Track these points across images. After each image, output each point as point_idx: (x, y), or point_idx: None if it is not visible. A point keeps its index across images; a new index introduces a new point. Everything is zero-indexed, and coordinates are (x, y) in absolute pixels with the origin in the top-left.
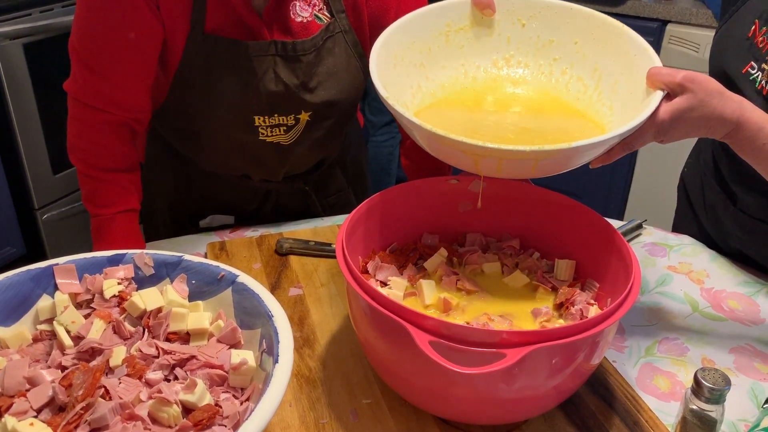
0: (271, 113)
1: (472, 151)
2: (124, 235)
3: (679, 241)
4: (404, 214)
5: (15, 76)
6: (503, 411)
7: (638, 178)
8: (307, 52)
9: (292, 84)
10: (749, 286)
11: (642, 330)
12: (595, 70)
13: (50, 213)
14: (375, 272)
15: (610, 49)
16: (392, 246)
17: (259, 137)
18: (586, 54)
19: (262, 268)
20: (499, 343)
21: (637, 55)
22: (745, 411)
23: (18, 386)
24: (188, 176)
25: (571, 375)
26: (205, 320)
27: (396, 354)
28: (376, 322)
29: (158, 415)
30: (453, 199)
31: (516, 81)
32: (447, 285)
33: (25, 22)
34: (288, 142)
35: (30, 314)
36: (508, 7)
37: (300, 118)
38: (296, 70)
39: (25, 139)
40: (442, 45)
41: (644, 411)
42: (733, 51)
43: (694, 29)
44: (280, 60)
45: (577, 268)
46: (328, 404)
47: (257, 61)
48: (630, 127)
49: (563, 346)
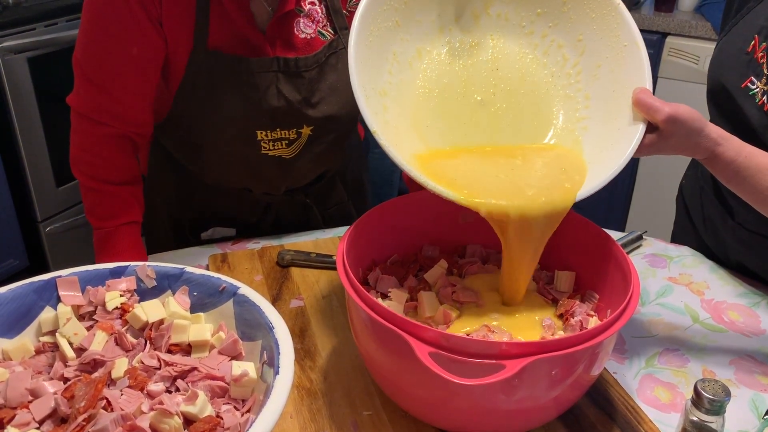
0: (273, 128)
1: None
2: (127, 248)
3: (680, 253)
4: (405, 225)
5: (19, 89)
6: (503, 422)
7: (639, 189)
8: (310, 68)
9: (294, 99)
10: (749, 298)
11: (642, 341)
12: (579, 41)
13: (53, 225)
14: (376, 284)
15: (599, 24)
16: (393, 257)
17: (261, 151)
18: (572, 19)
19: (263, 280)
20: (498, 354)
21: (628, 45)
22: (745, 422)
23: (20, 398)
24: (190, 188)
25: (570, 386)
26: (207, 332)
27: (396, 365)
28: (376, 334)
29: (160, 426)
30: (453, 211)
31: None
32: (444, 297)
33: (30, 36)
34: (290, 156)
35: (33, 326)
36: None
37: (302, 132)
38: (299, 86)
39: (28, 152)
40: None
41: (645, 422)
42: (732, 65)
43: (693, 41)
44: (283, 76)
45: (577, 279)
46: (328, 416)
47: (260, 77)
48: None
49: (562, 357)
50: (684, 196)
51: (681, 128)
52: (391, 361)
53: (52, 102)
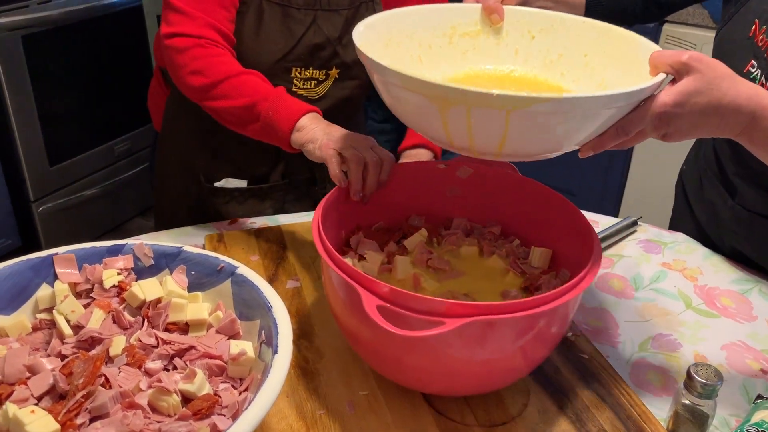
0: (307, 66)
1: (435, 95)
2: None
3: (674, 239)
4: (392, 195)
5: (13, 68)
6: (455, 382)
7: (634, 175)
8: (345, 8)
9: (331, 36)
10: (742, 284)
11: (635, 326)
12: (601, 85)
13: (46, 205)
14: (357, 246)
15: (620, 62)
16: (378, 224)
17: (293, 88)
18: (595, 68)
19: (260, 260)
20: (440, 312)
21: None
22: (736, 406)
23: (18, 374)
24: (203, 135)
25: (514, 351)
26: (204, 311)
27: (350, 316)
28: (335, 285)
29: (158, 404)
30: (441, 184)
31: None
32: (419, 262)
33: (24, 13)
34: (315, 97)
35: (29, 303)
36: (518, 18)
37: (330, 74)
38: (336, 23)
39: (21, 131)
40: (444, 45)
41: (637, 405)
42: (733, 51)
43: (690, 29)
44: (322, 13)
45: (555, 258)
46: (324, 395)
47: (304, 13)
48: (633, 90)
49: (501, 322)
50: (684, 181)
51: (709, 68)
52: (349, 314)
53: (46, 80)
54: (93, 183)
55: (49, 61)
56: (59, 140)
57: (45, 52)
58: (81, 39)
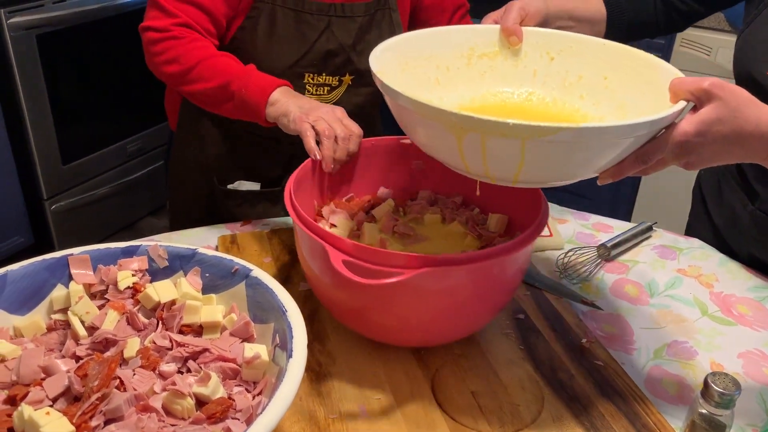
0: (320, 71)
1: (451, 123)
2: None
3: (689, 245)
4: (363, 169)
5: (27, 67)
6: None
7: (647, 179)
8: (360, 15)
9: (345, 43)
10: (759, 291)
11: (651, 333)
12: (621, 107)
13: (59, 203)
14: (329, 216)
15: (640, 85)
16: (349, 196)
17: (305, 93)
18: (614, 90)
19: (272, 262)
20: (402, 264)
21: None
22: (753, 416)
23: (33, 375)
24: (217, 137)
25: (464, 299)
26: (218, 313)
27: (319, 272)
28: (305, 245)
29: (172, 407)
30: (408, 158)
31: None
32: (385, 229)
33: (38, 13)
34: (329, 102)
35: (44, 304)
36: (537, 39)
37: (343, 80)
38: (350, 30)
39: (35, 130)
40: (462, 67)
41: (653, 414)
42: (757, 54)
43: (705, 32)
44: (336, 19)
45: (511, 224)
46: (337, 399)
47: (318, 18)
48: (652, 119)
49: (453, 271)
50: (701, 185)
51: (732, 95)
52: (319, 270)
53: (60, 79)
54: (105, 182)
55: (63, 61)
56: (72, 139)
57: (59, 51)
58: (95, 38)
